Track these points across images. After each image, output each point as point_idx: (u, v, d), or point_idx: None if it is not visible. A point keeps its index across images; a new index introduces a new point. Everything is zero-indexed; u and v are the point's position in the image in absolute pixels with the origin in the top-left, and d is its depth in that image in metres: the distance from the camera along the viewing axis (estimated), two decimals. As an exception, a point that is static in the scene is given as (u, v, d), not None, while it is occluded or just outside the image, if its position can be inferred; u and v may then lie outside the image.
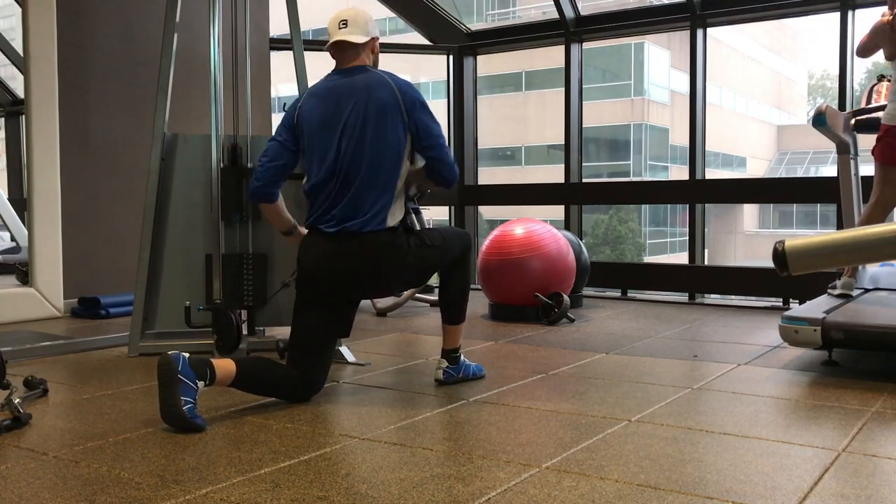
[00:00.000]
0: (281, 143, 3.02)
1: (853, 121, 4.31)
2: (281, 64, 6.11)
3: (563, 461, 2.25)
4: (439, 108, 7.96)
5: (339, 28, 3.00)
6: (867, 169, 4.68)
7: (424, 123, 2.97)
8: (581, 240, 5.93)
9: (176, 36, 3.93)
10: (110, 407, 2.90)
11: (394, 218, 2.95)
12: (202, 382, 2.61)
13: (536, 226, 5.09)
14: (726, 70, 27.81)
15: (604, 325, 4.80)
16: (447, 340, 3.24)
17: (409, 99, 2.95)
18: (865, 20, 4.22)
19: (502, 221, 5.45)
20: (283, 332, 3.90)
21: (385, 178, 2.92)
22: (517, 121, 27.21)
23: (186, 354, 2.61)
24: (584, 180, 6.82)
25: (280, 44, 6.31)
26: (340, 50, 3.02)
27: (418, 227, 3.07)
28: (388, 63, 3.21)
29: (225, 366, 2.71)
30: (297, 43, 3.96)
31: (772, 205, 29.52)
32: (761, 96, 32.79)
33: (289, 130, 3.02)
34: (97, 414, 2.80)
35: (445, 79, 7.37)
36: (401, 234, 2.97)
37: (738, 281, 6.04)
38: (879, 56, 4.13)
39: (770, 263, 3.48)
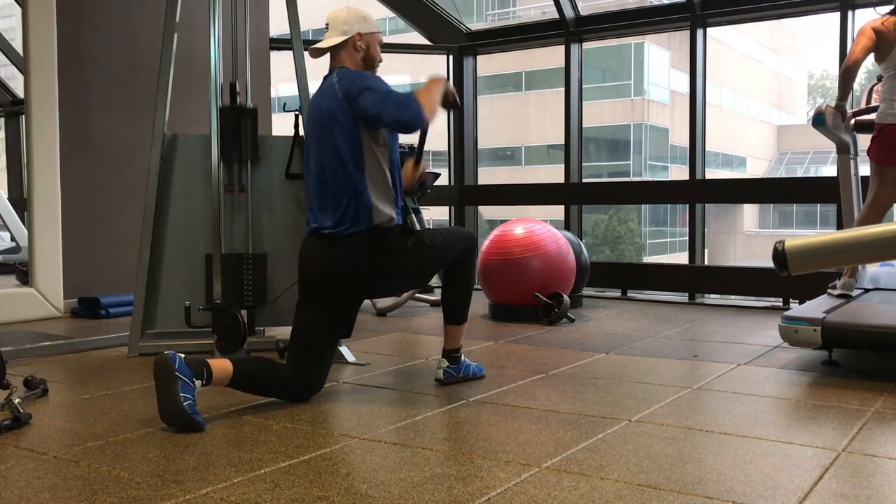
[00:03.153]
0: None
1: (853, 121, 4.31)
2: (281, 64, 6.11)
3: (563, 461, 2.25)
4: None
5: (324, 34, 3.06)
6: (867, 169, 4.68)
7: (361, 101, 2.86)
8: (581, 240, 5.93)
9: (176, 36, 3.93)
10: (110, 407, 2.90)
11: (381, 215, 2.92)
12: (199, 381, 2.61)
13: (536, 226, 5.09)
14: (726, 70, 27.80)
15: (604, 325, 4.80)
16: (448, 341, 3.24)
17: (345, 90, 2.90)
18: (865, 20, 4.24)
19: (502, 221, 5.45)
20: (283, 332, 3.90)
21: (352, 180, 2.91)
22: (517, 121, 27.20)
23: (182, 354, 2.62)
24: (584, 180, 6.81)
25: (280, 44, 6.31)
26: (329, 54, 3.07)
27: (418, 227, 3.07)
28: (389, 63, 3.21)
29: (221, 366, 2.71)
30: (297, 43, 3.96)
31: (772, 205, 29.52)
32: (761, 96, 32.79)
33: None
34: (97, 414, 2.80)
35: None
36: (396, 234, 2.97)
37: (738, 281, 6.04)
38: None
39: (770, 263, 3.48)
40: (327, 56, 3.08)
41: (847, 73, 4.11)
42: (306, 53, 3.23)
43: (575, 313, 5.08)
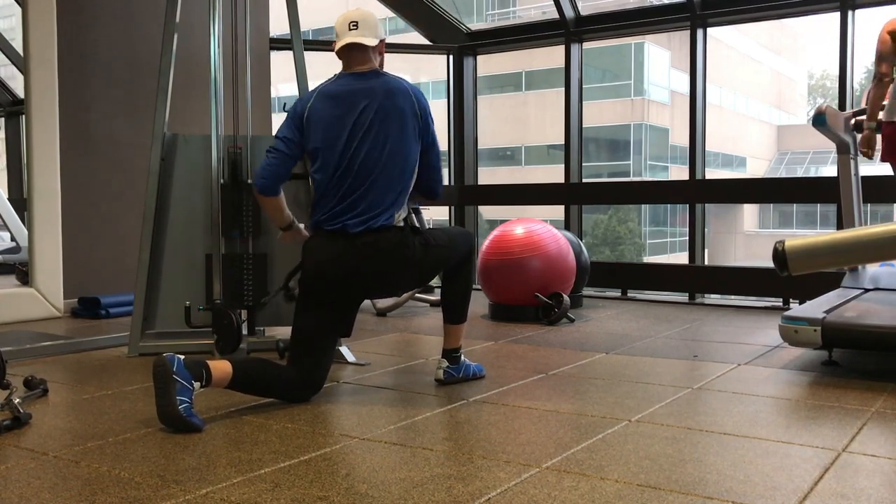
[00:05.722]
0: (288, 142, 3.00)
1: (853, 121, 4.31)
2: (281, 64, 6.11)
3: (563, 461, 2.25)
4: (439, 109, 7.97)
5: (350, 30, 3.00)
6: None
7: (433, 136, 3.09)
8: (581, 240, 5.93)
9: (176, 36, 3.93)
10: (110, 407, 2.90)
11: (399, 217, 2.97)
12: (198, 383, 2.61)
13: (536, 226, 5.09)
14: (726, 70, 27.80)
15: (604, 325, 4.80)
16: (448, 340, 3.24)
17: (423, 109, 3.03)
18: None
19: (502, 221, 5.45)
20: (283, 332, 3.90)
21: (402, 182, 2.97)
22: (517, 121, 27.20)
23: (182, 356, 2.61)
24: (584, 180, 6.81)
25: (280, 44, 6.31)
26: (350, 52, 3.02)
27: (425, 226, 3.09)
28: (389, 63, 3.20)
29: (221, 367, 2.71)
30: (297, 43, 3.96)
31: (772, 205, 29.52)
32: (761, 96, 32.78)
33: (296, 129, 3.00)
34: (97, 414, 2.80)
35: (445, 79, 7.37)
36: (407, 233, 2.98)
37: (738, 281, 6.04)
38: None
39: (770, 263, 3.48)
40: (330, 55, 3.07)
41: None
42: (308, 54, 3.24)
43: (575, 313, 5.08)
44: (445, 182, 6.89)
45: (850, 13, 5.38)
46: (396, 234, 2.95)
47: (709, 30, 6.05)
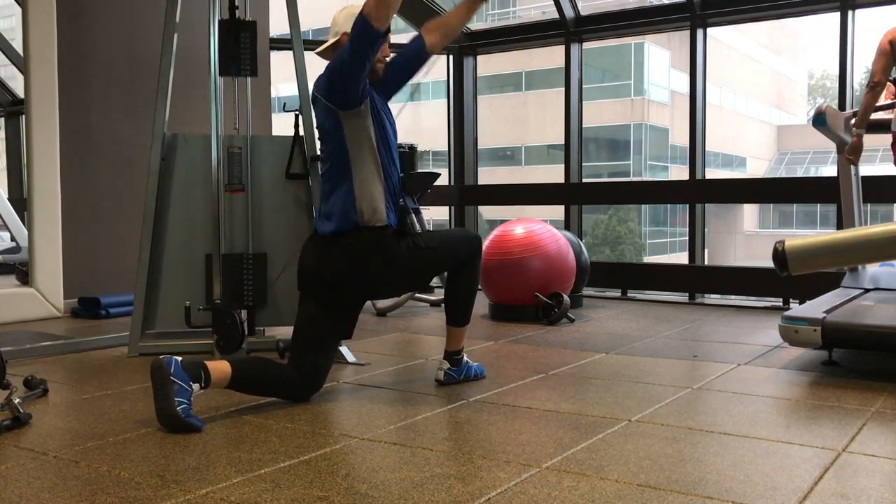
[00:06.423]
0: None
1: (853, 121, 4.31)
2: (281, 64, 6.11)
3: (563, 461, 2.25)
4: (440, 108, 7.95)
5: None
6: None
7: (331, 74, 2.89)
8: (581, 240, 5.93)
9: (176, 36, 3.93)
10: (110, 407, 2.90)
11: (368, 216, 2.91)
12: (196, 385, 2.61)
13: (536, 226, 5.09)
14: (726, 70, 27.79)
15: (604, 325, 4.80)
16: (450, 342, 3.24)
17: (321, 90, 2.93)
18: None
19: (502, 221, 5.45)
20: (283, 332, 3.90)
21: (340, 181, 2.93)
22: (517, 121, 27.19)
23: (179, 357, 2.62)
24: (584, 180, 6.82)
25: (280, 44, 6.31)
26: None
27: (418, 228, 3.07)
28: (388, 63, 3.20)
29: (220, 368, 2.71)
30: (297, 43, 3.96)
31: (772, 205, 29.52)
32: (761, 96, 32.78)
33: None
34: (97, 414, 2.80)
35: (445, 79, 7.37)
36: (390, 235, 2.96)
37: (738, 281, 6.04)
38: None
39: (770, 263, 3.48)
40: None
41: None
42: (308, 54, 3.25)
43: (575, 313, 5.07)
44: (444, 182, 6.89)
45: (850, 13, 5.38)
46: (375, 236, 2.92)
47: (709, 30, 6.05)
